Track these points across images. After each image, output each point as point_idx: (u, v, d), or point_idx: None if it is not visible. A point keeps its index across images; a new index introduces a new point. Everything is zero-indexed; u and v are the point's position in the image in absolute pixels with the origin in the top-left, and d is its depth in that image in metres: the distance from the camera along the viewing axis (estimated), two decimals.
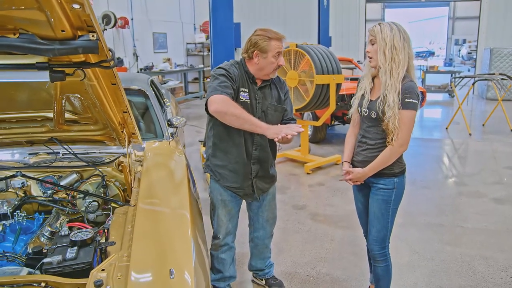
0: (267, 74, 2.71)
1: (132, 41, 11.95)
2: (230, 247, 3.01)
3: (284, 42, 2.68)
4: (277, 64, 2.67)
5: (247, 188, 2.86)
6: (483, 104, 12.58)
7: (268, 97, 2.79)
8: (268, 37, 2.62)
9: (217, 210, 2.92)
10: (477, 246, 3.94)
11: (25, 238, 2.31)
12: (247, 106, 2.67)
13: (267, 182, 2.95)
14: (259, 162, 2.82)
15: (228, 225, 2.94)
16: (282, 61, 2.70)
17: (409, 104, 2.42)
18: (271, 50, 2.62)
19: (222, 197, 2.88)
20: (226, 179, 2.83)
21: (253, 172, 2.82)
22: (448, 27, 33.84)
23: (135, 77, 4.71)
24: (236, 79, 2.64)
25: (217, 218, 2.93)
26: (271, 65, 2.66)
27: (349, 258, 3.77)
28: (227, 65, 2.70)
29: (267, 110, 2.76)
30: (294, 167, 6.55)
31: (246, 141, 2.75)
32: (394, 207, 2.64)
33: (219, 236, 2.95)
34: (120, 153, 2.92)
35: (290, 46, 6.21)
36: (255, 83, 2.75)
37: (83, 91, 2.24)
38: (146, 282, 1.67)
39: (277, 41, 2.63)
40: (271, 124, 2.64)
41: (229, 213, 2.92)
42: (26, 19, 1.52)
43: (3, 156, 2.89)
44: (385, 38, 2.41)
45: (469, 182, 5.84)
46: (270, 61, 2.64)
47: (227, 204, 2.90)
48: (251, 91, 2.72)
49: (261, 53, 2.64)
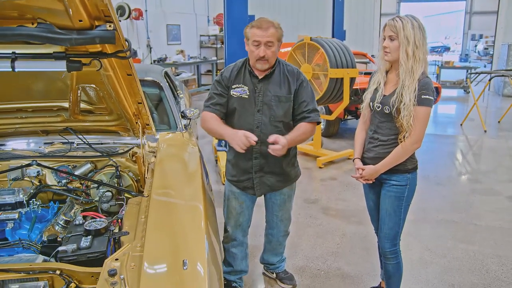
0: (253, 64, 2.66)
1: (146, 32, 11.96)
2: (241, 242, 3.00)
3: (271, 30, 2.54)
4: (257, 54, 2.57)
5: (246, 182, 2.83)
6: (499, 100, 12.37)
7: (272, 88, 2.70)
8: (251, 25, 2.61)
9: (227, 201, 2.94)
10: (491, 244, 3.90)
11: (40, 226, 2.34)
12: (243, 101, 2.69)
13: (279, 180, 2.85)
14: (264, 157, 2.72)
15: (238, 219, 2.93)
16: (262, 52, 2.56)
17: (425, 100, 2.38)
18: (250, 37, 2.59)
19: (231, 188, 2.90)
20: (228, 172, 2.90)
21: (255, 167, 2.78)
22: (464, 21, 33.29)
23: (149, 69, 4.73)
24: (230, 79, 2.71)
25: (227, 210, 2.95)
26: (251, 54, 2.62)
27: (361, 253, 3.75)
28: (230, 65, 2.79)
29: (271, 102, 2.69)
30: (306, 161, 6.53)
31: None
32: (406, 203, 2.61)
33: (228, 228, 2.97)
34: (134, 144, 2.94)
35: (305, 39, 6.16)
36: (255, 76, 2.69)
37: (98, 82, 2.25)
38: (159, 273, 1.69)
39: (257, 29, 2.55)
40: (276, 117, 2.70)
41: (240, 206, 2.91)
42: (44, 9, 1.53)
43: (19, 145, 2.92)
44: (407, 36, 2.35)
45: (483, 179, 5.77)
46: (250, 49, 2.61)
47: (237, 197, 2.89)
48: (250, 84, 2.70)
49: (246, 41, 2.65)
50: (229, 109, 2.74)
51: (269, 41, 2.56)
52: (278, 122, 2.71)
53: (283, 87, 2.71)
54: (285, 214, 3.07)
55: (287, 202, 3.02)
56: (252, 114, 2.69)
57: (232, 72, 2.73)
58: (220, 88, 2.71)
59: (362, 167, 2.63)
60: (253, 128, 2.66)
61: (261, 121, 2.69)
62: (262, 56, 2.58)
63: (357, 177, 2.67)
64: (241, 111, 2.70)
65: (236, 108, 2.70)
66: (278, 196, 2.96)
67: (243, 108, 2.70)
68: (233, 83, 2.71)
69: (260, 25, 2.56)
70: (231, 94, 2.70)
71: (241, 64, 2.76)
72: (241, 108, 2.70)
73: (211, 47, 15.07)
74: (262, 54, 2.57)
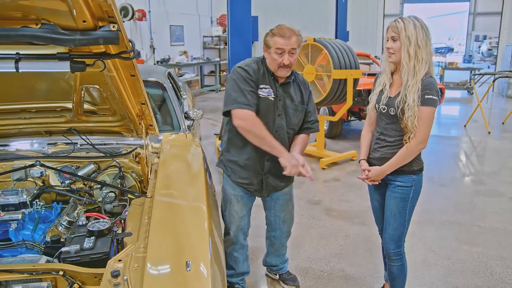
0: (275, 71, 2.64)
1: (149, 33, 12.00)
2: (242, 245, 2.99)
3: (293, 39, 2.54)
4: (281, 62, 2.56)
5: (257, 184, 2.81)
6: (503, 102, 12.34)
7: (290, 95, 2.72)
8: (272, 33, 2.59)
9: (229, 205, 2.88)
10: (495, 246, 3.88)
11: (44, 227, 2.34)
12: (268, 102, 2.64)
13: (282, 181, 2.86)
14: (273, 159, 2.70)
15: (240, 222, 2.91)
16: (286, 60, 2.56)
17: (429, 100, 2.37)
18: (272, 46, 2.56)
19: (235, 192, 2.85)
20: (237, 175, 2.81)
21: (265, 168, 2.77)
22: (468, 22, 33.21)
23: (152, 69, 4.73)
24: (256, 76, 2.63)
25: (229, 214, 2.90)
26: (274, 62, 2.59)
27: (364, 254, 3.74)
28: (247, 64, 2.68)
29: (288, 109, 2.71)
30: (309, 162, 6.49)
31: None
32: (411, 205, 2.60)
33: (230, 232, 2.93)
34: (137, 145, 2.93)
35: (308, 40, 6.15)
36: (276, 80, 2.69)
37: (102, 82, 2.26)
38: (162, 274, 1.68)
39: (280, 37, 2.53)
40: (291, 124, 2.71)
41: (242, 210, 2.88)
42: (48, 9, 1.53)
43: (22, 146, 2.92)
44: (409, 36, 2.35)
45: (487, 180, 5.74)
46: (273, 57, 2.58)
47: (239, 200, 2.86)
48: (272, 87, 2.67)
49: (266, 48, 2.62)
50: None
51: (293, 49, 2.57)
52: (291, 130, 2.75)
53: (298, 96, 2.76)
54: (288, 214, 3.06)
55: (289, 202, 3.02)
56: (273, 118, 2.68)
57: (258, 72, 2.66)
58: (253, 84, 2.61)
59: (368, 168, 2.63)
60: (272, 132, 2.65)
61: (280, 126, 2.69)
62: (287, 64, 2.58)
63: (363, 178, 2.67)
64: (265, 113, 2.65)
65: (261, 109, 2.64)
66: (280, 197, 2.95)
67: (267, 110, 2.65)
68: (260, 82, 2.65)
69: (283, 34, 2.54)
70: (259, 93, 2.64)
71: (259, 64, 2.70)
72: (266, 110, 2.65)
73: (214, 48, 15.09)
74: (287, 63, 2.57)
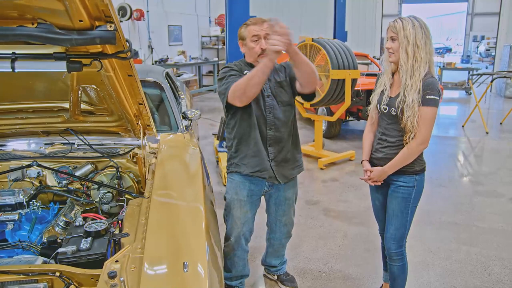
0: (255, 60, 2.67)
1: (147, 33, 11.98)
2: (243, 250, 2.96)
3: (265, 25, 2.58)
4: (259, 48, 2.62)
5: (269, 171, 2.77)
6: (501, 102, 12.36)
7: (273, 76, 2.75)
8: (246, 24, 2.67)
9: (232, 210, 2.85)
10: (493, 246, 3.88)
11: (40, 228, 2.33)
12: None
13: (291, 168, 2.85)
14: (276, 142, 2.73)
15: (242, 228, 2.87)
16: (263, 45, 2.58)
17: (430, 100, 2.37)
18: (247, 35, 2.63)
19: (238, 196, 2.82)
20: (250, 166, 2.75)
21: (270, 155, 2.75)
22: (466, 23, 33.30)
23: (150, 69, 4.71)
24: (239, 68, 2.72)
25: (231, 219, 2.87)
26: (251, 51, 2.65)
27: (362, 255, 3.73)
28: (230, 64, 2.79)
29: (275, 88, 2.74)
30: (307, 162, 6.51)
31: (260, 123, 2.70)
32: (413, 205, 2.60)
33: (230, 238, 2.90)
34: (135, 145, 2.92)
35: (306, 40, 6.15)
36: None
37: (99, 82, 2.24)
38: (159, 274, 1.67)
39: (253, 25, 2.62)
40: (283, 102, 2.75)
41: (244, 215, 2.85)
42: (44, 9, 1.52)
43: (19, 146, 2.91)
44: (407, 36, 2.35)
45: (485, 181, 5.75)
46: (250, 46, 2.64)
47: (242, 205, 2.82)
48: None
49: (242, 41, 2.70)
50: None
51: (267, 34, 2.58)
52: (286, 106, 2.77)
53: (281, 74, 2.80)
54: (289, 219, 3.07)
55: (291, 207, 3.03)
56: (263, 99, 2.71)
57: (240, 66, 2.73)
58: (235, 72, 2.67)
59: (370, 169, 2.62)
60: (266, 114, 2.70)
61: (272, 105, 2.72)
62: (264, 49, 2.59)
63: (365, 179, 2.66)
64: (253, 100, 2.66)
65: None
66: (284, 202, 2.96)
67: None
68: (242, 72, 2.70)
69: (255, 22, 2.64)
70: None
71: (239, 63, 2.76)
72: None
73: (212, 48, 15.09)
74: (264, 47, 2.59)
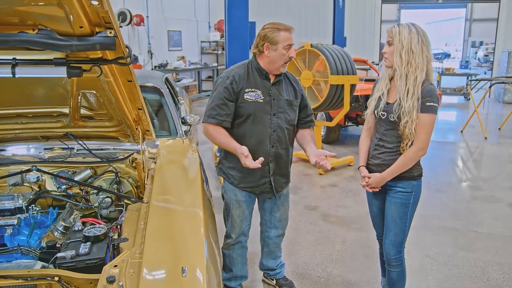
0: (278, 67, 2.67)
1: (147, 38, 12.01)
2: (242, 246, 3.00)
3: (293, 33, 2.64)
4: (288, 56, 2.64)
5: (263, 186, 2.82)
6: (500, 107, 12.38)
7: (283, 92, 2.76)
8: (277, 29, 2.61)
9: (231, 211, 2.89)
10: (492, 251, 3.88)
11: (39, 232, 2.33)
12: (257, 105, 2.67)
13: (284, 182, 2.93)
14: (276, 159, 2.77)
15: (242, 226, 2.93)
16: (293, 53, 2.66)
17: (430, 107, 2.39)
18: (281, 41, 2.59)
19: (236, 197, 2.86)
20: (240, 180, 2.80)
21: (271, 170, 2.78)
22: (464, 29, 33.42)
23: (150, 75, 4.74)
24: (241, 83, 2.66)
25: (231, 219, 2.91)
26: (282, 57, 2.62)
27: (361, 260, 3.73)
28: (230, 70, 2.74)
29: (284, 106, 2.75)
30: (306, 167, 6.52)
31: (263, 140, 2.71)
32: (412, 210, 2.61)
33: (232, 235, 2.94)
34: (134, 150, 2.93)
35: (305, 46, 6.18)
36: (268, 79, 2.72)
37: (99, 88, 2.26)
38: (158, 279, 1.68)
39: (286, 32, 2.61)
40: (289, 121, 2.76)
41: (243, 214, 2.90)
42: (45, 15, 1.54)
43: (19, 151, 2.92)
44: (402, 41, 2.37)
45: (484, 186, 5.75)
46: (281, 53, 2.61)
47: (241, 205, 2.87)
48: (263, 88, 2.70)
49: (271, 45, 2.62)
50: (242, 114, 2.69)
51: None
52: (290, 126, 2.80)
53: (291, 92, 2.81)
54: (284, 214, 3.08)
55: (285, 202, 3.05)
56: (269, 118, 2.71)
57: (241, 76, 2.68)
58: (227, 96, 2.63)
59: (368, 175, 2.63)
60: (270, 132, 2.71)
61: (277, 125, 2.73)
62: (293, 57, 2.67)
63: (363, 185, 2.67)
64: (257, 116, 2.68)
65: (251, 113, 2.67)
66: (279, 197, 2.97)
67: (259, 112, 2.69)
68: (245, 87, 2.67)
69: (288, 28, 2.63)
70: (245, 98, 2.66)
71: (245, 67, 2.73)
72: (257, 113, 2.68)
73: (212, 53, 15.11)
74: (293, 55, 2.67)
